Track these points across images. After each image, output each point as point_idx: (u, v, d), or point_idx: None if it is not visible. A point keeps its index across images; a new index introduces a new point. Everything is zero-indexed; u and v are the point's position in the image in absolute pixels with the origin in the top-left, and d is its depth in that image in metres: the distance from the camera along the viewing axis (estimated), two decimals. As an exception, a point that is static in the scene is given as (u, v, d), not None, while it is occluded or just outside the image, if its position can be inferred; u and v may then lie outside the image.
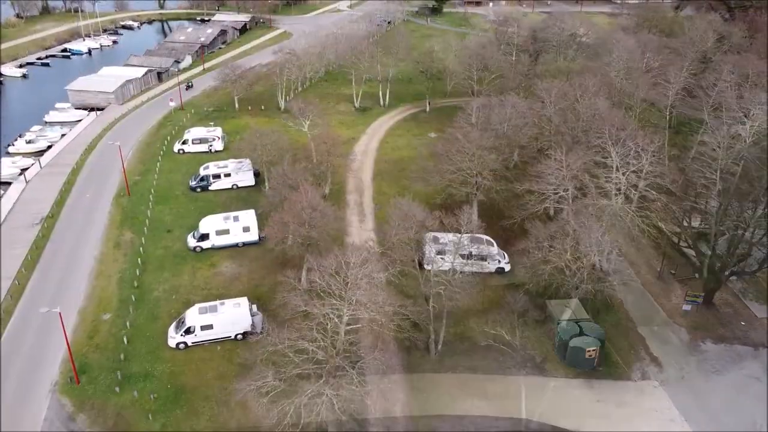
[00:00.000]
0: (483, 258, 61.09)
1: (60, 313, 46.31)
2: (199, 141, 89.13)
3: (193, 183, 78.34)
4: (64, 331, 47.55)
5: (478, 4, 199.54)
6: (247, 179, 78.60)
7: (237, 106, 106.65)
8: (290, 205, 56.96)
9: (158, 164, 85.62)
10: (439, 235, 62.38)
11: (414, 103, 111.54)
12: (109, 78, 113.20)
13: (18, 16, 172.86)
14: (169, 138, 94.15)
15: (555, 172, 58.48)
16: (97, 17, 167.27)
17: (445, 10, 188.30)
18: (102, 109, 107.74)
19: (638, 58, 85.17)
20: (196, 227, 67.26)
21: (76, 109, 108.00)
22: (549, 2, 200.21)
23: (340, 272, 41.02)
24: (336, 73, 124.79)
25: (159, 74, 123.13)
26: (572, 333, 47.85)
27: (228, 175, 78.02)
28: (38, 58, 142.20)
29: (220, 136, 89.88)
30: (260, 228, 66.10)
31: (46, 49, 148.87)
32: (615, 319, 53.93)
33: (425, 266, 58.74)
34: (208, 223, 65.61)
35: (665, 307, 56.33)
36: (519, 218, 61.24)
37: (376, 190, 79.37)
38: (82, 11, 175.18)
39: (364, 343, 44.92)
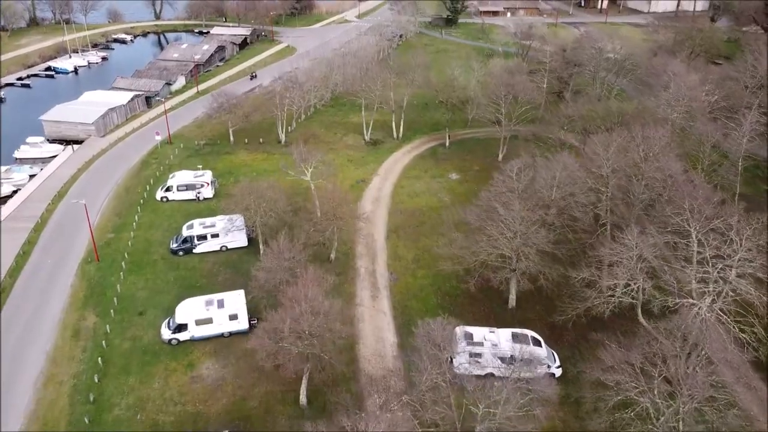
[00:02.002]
0: (529, 362, 48.60)
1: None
2: (185, 187, 76.82)
3: (174, 245, 66.10)
4: None
5: (495, 14, 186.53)
6: (238, 240, 66.34)
7: (232, 138, 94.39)
8: (286, 303, 44.68)
9: (137, 216, 73.38)
10: (472, 330, 50.26)
11: (431, 134, 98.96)
12: (90, 106, 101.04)
13: (3, 29, 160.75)
14: (152, 181, 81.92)
15: (623, 258, 45.80)
16: (85, 30, 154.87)
17: (460, 21, 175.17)
18: (81, 142, 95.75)
19: (698, 94, 72.03)
20: (172, 310, 55.20)
21: (51, 142, 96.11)
22: (571, 12, 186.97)
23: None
24: (343, 97, 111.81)
25: (148, 99, 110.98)
26: None
27: (216, 235, 65.77)
28: (18, 78, 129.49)
29: (209, 182, 77.53)
30: (251, 313, 54.11)
31: (29, 67, 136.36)
32: None
33: (455, 369, 46.84)
34: (187, 311, 53.26)
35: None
36: (573, 314, 48.79)
37: (391, 253, 66.91)
38: (73, 22, 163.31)
39: None
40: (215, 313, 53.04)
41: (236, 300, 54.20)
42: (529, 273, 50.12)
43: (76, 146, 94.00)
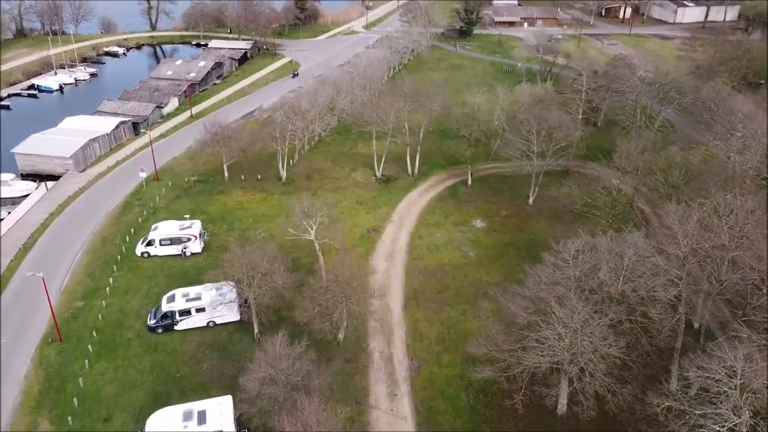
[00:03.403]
0: None
1: None
2: (169, 241, 66.17)
3: (151, 322, 55.52)
4: None
5: (511, 24, 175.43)
6: (229, 314, 55.71)
7: (227, 174, 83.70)
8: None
9: (111, 279, 62.74)
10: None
11: (450, 169, 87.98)
12: (69, 135, 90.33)
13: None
14: (133, 230, 71.29)
15: (722, 388, 34.92)
16: (72, 43, 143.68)
17: (475, 32, 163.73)
18: (58, 178, 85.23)
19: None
20: (144, 412, 45.22)
21: (24, 177, 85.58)
22: (593, 23, 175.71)
23: None
24: (350, 125, 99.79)
25: (135, 124, 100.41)
26: None
27: (202, 309, 55.18)
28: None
29: (197, 234, 66.85)
30: (241, 423, 43.51)
31: (11, 85, 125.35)
32: None
33: None
34: (159, 428, 42.59)
35: None
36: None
37: (410, 329, 56.24)
38: (61, 33, 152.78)
39: None
40: (195, 431, 42.38)
41: (221, 410, 43.53)
42: (594, 392, 39.22)
43: (50, 183, 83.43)
